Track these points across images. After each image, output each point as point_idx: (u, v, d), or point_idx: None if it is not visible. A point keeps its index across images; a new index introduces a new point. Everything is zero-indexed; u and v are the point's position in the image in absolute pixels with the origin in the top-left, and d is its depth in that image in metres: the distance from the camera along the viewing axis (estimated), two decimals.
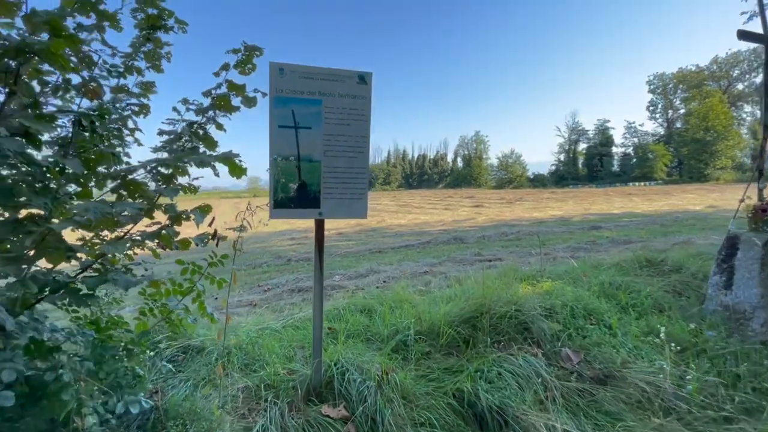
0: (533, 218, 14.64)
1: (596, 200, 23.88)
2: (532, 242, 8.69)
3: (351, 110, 2.42)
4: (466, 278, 5.30)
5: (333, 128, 2.40)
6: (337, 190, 2.46)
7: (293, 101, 2.33)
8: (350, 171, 2.46)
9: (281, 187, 2.36)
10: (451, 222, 14.73)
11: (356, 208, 2.50)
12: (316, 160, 2.40)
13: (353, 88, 2.42)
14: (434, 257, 7.48)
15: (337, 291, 5.37)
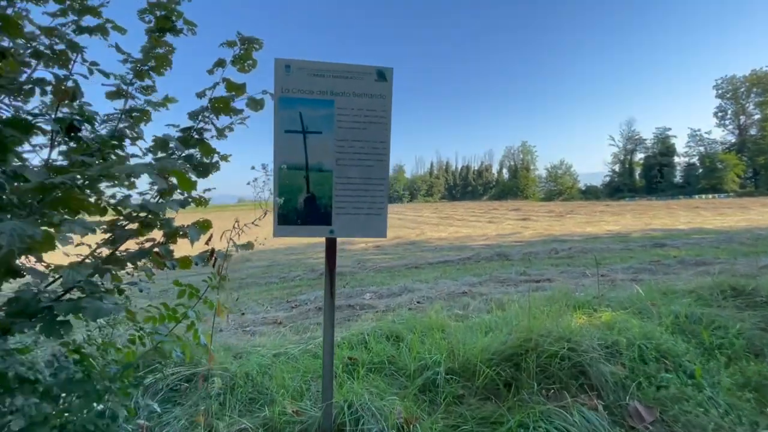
0: (586, 233, 13.51)
1: (657, 214, 21.91)
2: (586, 261, 7.86)
3: (368, 112, 2.08)
4: (509, 302, 4.75)
5: (347, 133, 2.07)
6: (352, 204, 2.10)
7: (301, 102, 2.02)
8: (367, 182, 2.11)
9: (287, 201, 2.05)
10: (494, 236, 13.96)
11: (374, 225, 2.14)
12: (327, 169, 2.06)
13: (371, 86, 2.08)
14: (475, 275, 6.92)
15: (366, 311, 5.00)
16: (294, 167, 2.04)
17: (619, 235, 12.35)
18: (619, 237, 11.91)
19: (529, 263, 7.92)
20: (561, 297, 4.35)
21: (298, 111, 2.01)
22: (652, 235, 11.88)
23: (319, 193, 2.07)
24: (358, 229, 2.13)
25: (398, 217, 29.05)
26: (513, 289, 5.68)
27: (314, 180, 2.06)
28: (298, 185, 2.05)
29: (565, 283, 5.83)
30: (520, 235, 13.68)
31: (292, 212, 2.06)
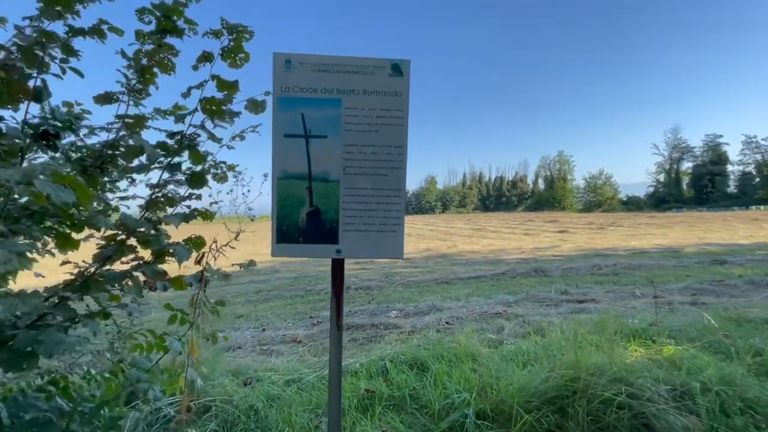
0: (632, 247, 12.52)
1: (711, 226, 20.22)
2: (635, 279, 7.14)
3: (382, 112, 1.78)
4: (549, 326, 4.26)
5: (356, 136, 1.77)
6: (362, 219, 1.80)
7: (303, 102, 1.75)
8: (380, 194, 1.80)
9: (287, 215, 1.77)
10: (530, 249, 13.21)
11: (388, 244, 1.81)
12: (333, 179, 1.77)
13: (384, 82, 1.78)
14: (510, 293, 6.41)
15: (390, 331, 4.65)
16: (295, 176, 1.76)
17: (670, 250, 11.33)
18: (670, 252, 10.91)
19: (570, 280, 7.29)
20: (610, 322, 3.84)
21: (299, 112, 1.74)
22: (709, 250, 10.79)
23: (324, 206, 1.78)
24: (370, 249, 1.81)
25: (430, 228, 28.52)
26: (553, 310, 5.15)
27: (318, 191, 1.77)
28: (299, 197, 1.76)
29: (612, 305, 5.24)
30: (559, 249, 12.87)
31: (293, 228, 1.77)
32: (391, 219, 1.81)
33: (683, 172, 74.19)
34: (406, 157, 1.80)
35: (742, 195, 63.73)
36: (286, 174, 1.75)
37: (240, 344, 4.70)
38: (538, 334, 4.06)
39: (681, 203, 67.61)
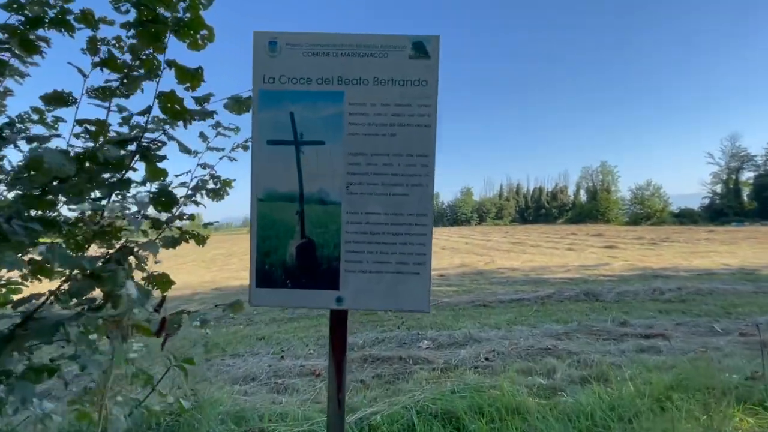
0: (695, 267, 11.19)
1: None
2: (708, 308, 6.14)
3: (400, 108, 1.29)
4: (613, 371, 3.54)
5: (365, 142, 1.29)
6: (372, 256, 1.30)
7: (293, 97, 1.29)
8: (397, 220, 1.30)
9: (270, 250, 1.30)
10: (576, 267, 12.15)
11: (409, 291, 1.30)
12: (332, 201, 1.29)
13: (404, 67, 1.29)
14: (558, 321, 5.65)
15: (420, 367, 4.08)
16: (281, 197, 1.29)
17: (743, 271, 9.99)
18: (743, 274, 9.60)
19: (627, 307, 6.41)
20: (693, 372, 3.09)
21: (287, 110, 1.28)
22: None
23: (321, 238, 1.30)
24: (383, 297, 1.31)
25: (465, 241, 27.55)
26: (613, 346, 4.39)
27: (313, 217, 1.29)
28: (287, 225, 1.30)
29: (687, 343, 4.40)
30: (609, 268, 11.74)
31: (278, 268, 1.30)
32: (413, 256, 1.30)
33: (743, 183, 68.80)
34: (433, 170, 1.29)
35: None
36: (270, 194, 1.29)
37: (254, 374, 4.28)
38: (599, 381, 3.36)
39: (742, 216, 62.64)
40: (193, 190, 2.14)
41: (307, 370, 4.35)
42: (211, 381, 4.20)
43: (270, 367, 4.45)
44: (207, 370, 4.44)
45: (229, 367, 4.52)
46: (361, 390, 3.64)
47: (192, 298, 9.35)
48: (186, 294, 9.96)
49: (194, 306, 8.50)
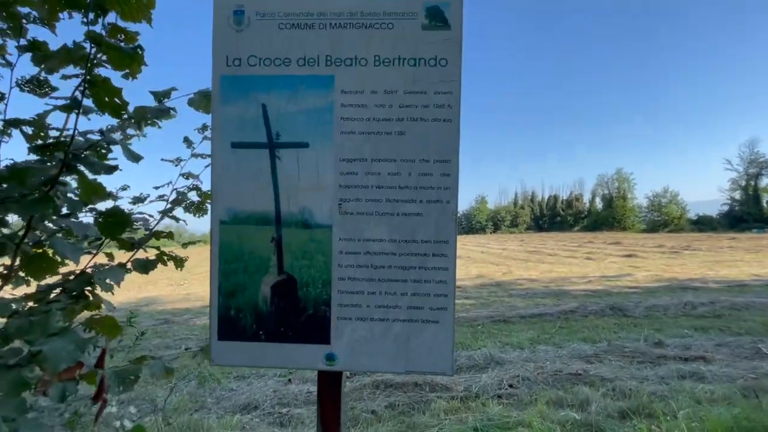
0: (724, 278, 10.52)
1: None
2: (747, 324, 5.59)
3: (411, 96, 0.95)
4: (654, 401, 3.11)
5: (363, 143, 0.95)
6: (375, 298, 0.95)
7: (266, 84, 0.96)
8: (408, 249, 0.95)
9: (236, 289, 0.97)
10: (597, 278, 11.55)
11: (426, 345, 0.95)
12: (319, 223, 0.95)
13: (415, 41, 0.95)
14: (585, 340, 5.19)
15: (438, 395, 3.68)
16: (250, 219, 0.96)
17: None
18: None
19: (659, 323, 5.90)
20: (755, 411, 2.65)
21: (258, 102, 0.95)
22: None
23: (305, 273, 0.96)
24: (389, 354, 0.95)
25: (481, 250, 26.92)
26: (649, 371, 3.93)
27: (294, 246, 0.95)
28: (258, 257, 0.96)
29: (734, 368, 3.93)
30: (632, 279, 11.13)
31: (247, 314, 0.96)
32: (430, 298, 0.95)
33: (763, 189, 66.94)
34: (457, 181, 0.94)
35: None
36: (236, 215, 0.95)
37: (257, 401, 3.94)
38: (641, 414, 2.94)
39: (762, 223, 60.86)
40: (172, 204, 1.83)
41: (314, 398, 4.00)
42: (210, 409, 3.88)
43: (275, 393, 4.11)
44: (208, 395, 4.13)
45: (231, 392, 4.20)
46: (372, 423, 3.27)
47: (203, 311, 9.11)
48: (197, 306, 9.72)
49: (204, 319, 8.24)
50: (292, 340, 0.96)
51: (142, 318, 7.30)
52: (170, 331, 7.13)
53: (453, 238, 0.95)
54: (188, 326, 7.47)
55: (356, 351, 0.95)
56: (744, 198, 67.76)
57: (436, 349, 0.95)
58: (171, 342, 6.27)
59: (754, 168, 68.40)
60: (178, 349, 5.83)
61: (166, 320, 8.07)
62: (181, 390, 4.05)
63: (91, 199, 1.00)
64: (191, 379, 4.30)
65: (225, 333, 0.96)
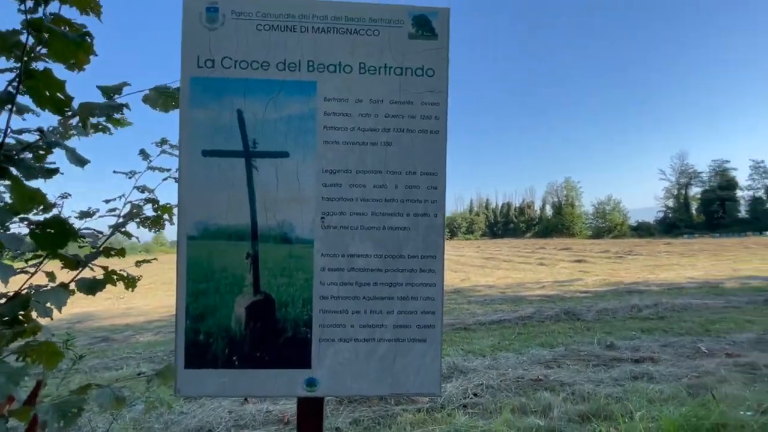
0: (663, 281, 11.37)
1: (738, 256, 18.92)
2: (688, 325, 6.05)
3: (397, 105, 0.91)
4: (610, 403, 3.25)
5: (347, 154, 0.90)
6: (359, 317, 0.90)
7: (242, 88, 0.89)
8: (395, 266, 0.91)
9: (206, 312, 0.88)
10: (551, 283, 12.09)
11: (413, 366, 0.91)
12: (300, 238, 0.89)
13: (402, 49, 0.92)
14: (543, 346, 5.37)
15: (404, 408, 3.63)
16: (223, 234, 0.88)
17: (707, 285, 10.19)
18: (709, 287, 9.78)
19: (609, 327, 6.23)
20: (702, 410, 2.83)
21: (233, 107, 0.88)
22: (753, 286, 9.65)
23: (283, 292, 0.89)
24: (374, 376, 0.90)
25: None
26: (604, 374, 4.12)
27: (271, 263, 0.88)
28: (231, 275, 0.88)
29: (679, 368, 4.20)
30: (583, 283, 11.74)
31: (219, 339, 0.87)
32: (417, 316, 0.91)
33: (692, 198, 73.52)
34: (444, 195, 0.92)
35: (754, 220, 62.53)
36: (207, 229, 0.87)
37: (210, 424, 3.70)
38: (600, 417, 3.05)
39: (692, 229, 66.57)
40: (124, 218, 1.68)
41: (275, 417, 3.82)
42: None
43: (230, 415, 3.87)
44: (155, 421, 3.81)
45: (182, 416, 3.90)
46: None
47: (145, 327, 8.51)
48: (139, 322, 9.07)
49: (149, 336, 7.68)
50: (269, 366, 0.88)
51: (77, 336, 6.68)
52: (109, 350, 6.57)
53: (441, 253, 0.92)
54: (130, 344, 6.92)
55: (339, 374, 0.89)
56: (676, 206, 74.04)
57: (423, 369, 0.91)
58: (110, 362, 5.76)
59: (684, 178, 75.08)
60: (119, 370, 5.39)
61: (105, 338, 7.45)
62: (124, 416, 3.72)
63: (26, 207, 0.88)
64: (137, 404, 3.97)
65: (193, 360, 0.87)
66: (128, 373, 5.29)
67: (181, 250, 0.86)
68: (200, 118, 0.87)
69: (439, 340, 0.92)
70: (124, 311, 10.79)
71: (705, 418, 2.65)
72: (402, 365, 0.90)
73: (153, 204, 1.75)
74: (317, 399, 0.92)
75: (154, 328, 8.37)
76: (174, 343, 0.87)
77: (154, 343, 6.89)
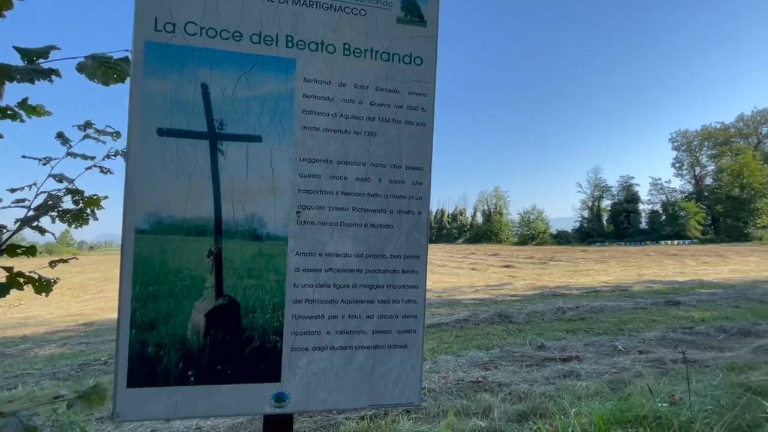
0: (581, 285, 12.45)
1: (641, 262, 21.32)
2: (605, 326, 6.65)
3: (383, 93, 0.85)
4: (544, 401, 3.42)
5: (327, 143, 0.82)
6: (336, 323, 0.81)
7: (207, 59, 0.77)
8: (376, 266, 0.84)
9: (156, 319, 0.74)
10: (484, 287, 12.68)
11: (392, 374, 0.84)
12: (272, 234, 0.79)
13: (389, 34, 0.86)
14: (481, 348, 5.55)
15: (346, 417, 3.53)
16: (180, 228, 0.75)
17: (619, 288, 11.33)
18: (620, 290, 10.87)
19: (539, 328, 6.63)
20: (625, 404, 3.07)
21: (197, 81, 0.76)
22: (655, 289, 10.91)
23: (251, 296, 0.78)
24: (351, 388, 0.82)
25: None
26: (537, 373, 4.35)
27: (237, 262, 0.77)
28: (189, 276, 0.75)
29: (600, 365, 4.56)
30: (512, 287, 12.46)
31: (172, 352, 0.74)
32: (398, 320, 0.84)
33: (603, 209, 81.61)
34: (429, 191, 0.87)
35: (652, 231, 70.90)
36: (160, 222, 0.73)
37: None
38: (537, 415, 3.19)
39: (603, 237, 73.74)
40: (36, 211, 1.43)
41: None
42: None
43: None
44: None
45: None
46: None
47: (48, 338, 7.49)
48: (39, 333, 7.96)
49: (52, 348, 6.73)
50: (232, 381, 0.76)
51: None
52: (0, 366, 5.66)
53: (424, 253, 0.86)
54: (27, 359, 6.02)
55: (312, 387, 0.80)
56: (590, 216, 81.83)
57: (403, 378, 0.85)
58: (2, 381, 4.95)
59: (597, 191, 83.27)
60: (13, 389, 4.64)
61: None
62: None
63: None
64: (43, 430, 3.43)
65: (138, 378, 0.72)
66: (24, 393, 4.56)
67: (126, 245, 0.72)
68: (156, 90, 0.73)
69: (420, 346, 0.86)
70: (19, 321, 9.42)
71: (628, 411, 2.89)
72: (381, 374, 0.83)
73: (74, 195, 1.52)
74: (286, 416, 0.81)
75: (58, 340, 7.38)
76: (115, 358, 0.72)
77: (59, 356, 6.06)
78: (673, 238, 61.20)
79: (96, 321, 9.41)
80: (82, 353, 5.99)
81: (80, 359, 5.50)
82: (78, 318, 9.95)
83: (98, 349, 6.06)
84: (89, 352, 5.96)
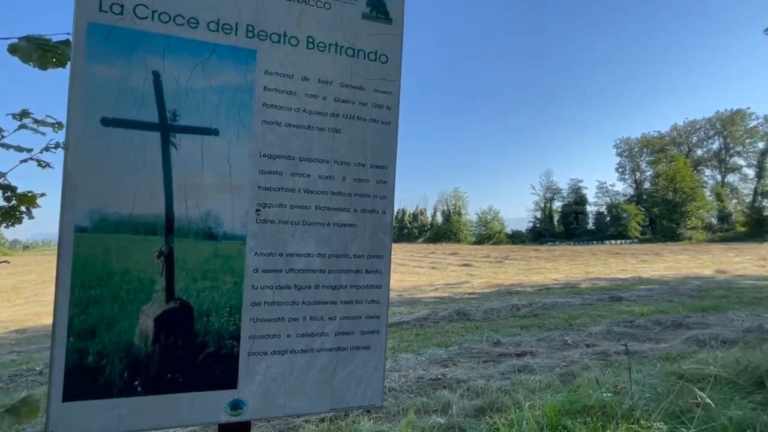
0: (534, 283, 13.00)
1: (588, 261, 22.62)
2: (556, 321, 6.99)
3: (348, 90, 0.83)
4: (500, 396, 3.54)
5: (289, 138, 0.79)
6: (297, 325, 0.79)
7: (160, 45, 0.71)
8: (340, 266, 0.82)
9: (98, 325, 0.68)
10: (443, 286, 12.92)
11: (354, 376, 0.83)
12: (228, 233, 0.75)
13: (354, 30, 0.84)
14: (440, 345, 5.65)
15: (306, 419, 3.47)
16: (126, 225, 0.69)
17: (568, 286, 11.96)
18: (569, 288, 11.48)
19: (495, 325, 6.86)
20: (575, 395, 3.24)
21: (147, 68, 0.70)
22: (600, 286, 11.61)
23: (205, 299, 0.73)
24: (311, 392, 0.80)
25: None
26: (493, 368, 4.49)
27: (191, 263, 0.72)
28: (136, 278, 0.69)
29: (552, 359, 4.78)
30: (470, 286, 12.79)
31: (116, 360, 0.68)
32: (361, 321, 0.83)
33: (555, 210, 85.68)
34: (393, 190, 0.86)
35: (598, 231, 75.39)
36: (103, 219, 0.67)
37: None
38: (494, 410, 3.29)
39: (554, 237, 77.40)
40: None
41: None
42: None
43: None
44: None
45: None
46: None
47: None
48: None
49: None
50: (184, 389, 0.71)
51: None
52: None
53: (388, 253, 0.86)
54: None
55: (271, 393, 0.77)
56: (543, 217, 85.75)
57: (365, 379, 0.84)
58: None
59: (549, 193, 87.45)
60: None
61: None
62: None
63: None
64: None
65: (75, 390, 0.66)
66: None
67: (65, 245, 0.65)
68: (101, 76, 0.67)
69: (383, 347, 0.85)
70: None
71: (577, 402, 3.04)
72: (343, 377, 0.82)
73: (6, 192, 1.39)
74: (243, 424, 0.77)
75: None
76: (49, 369, 0.65)
77: None
78: (616, 238, 65.53)
79: (30, 327, 8.64)
80: (12, 363, 5.48)
81: (11, 369, 5.02)
82: (8, 324, 9.09)
83: (32, 357, 5.57)
84: (21, 361, 5.46)
